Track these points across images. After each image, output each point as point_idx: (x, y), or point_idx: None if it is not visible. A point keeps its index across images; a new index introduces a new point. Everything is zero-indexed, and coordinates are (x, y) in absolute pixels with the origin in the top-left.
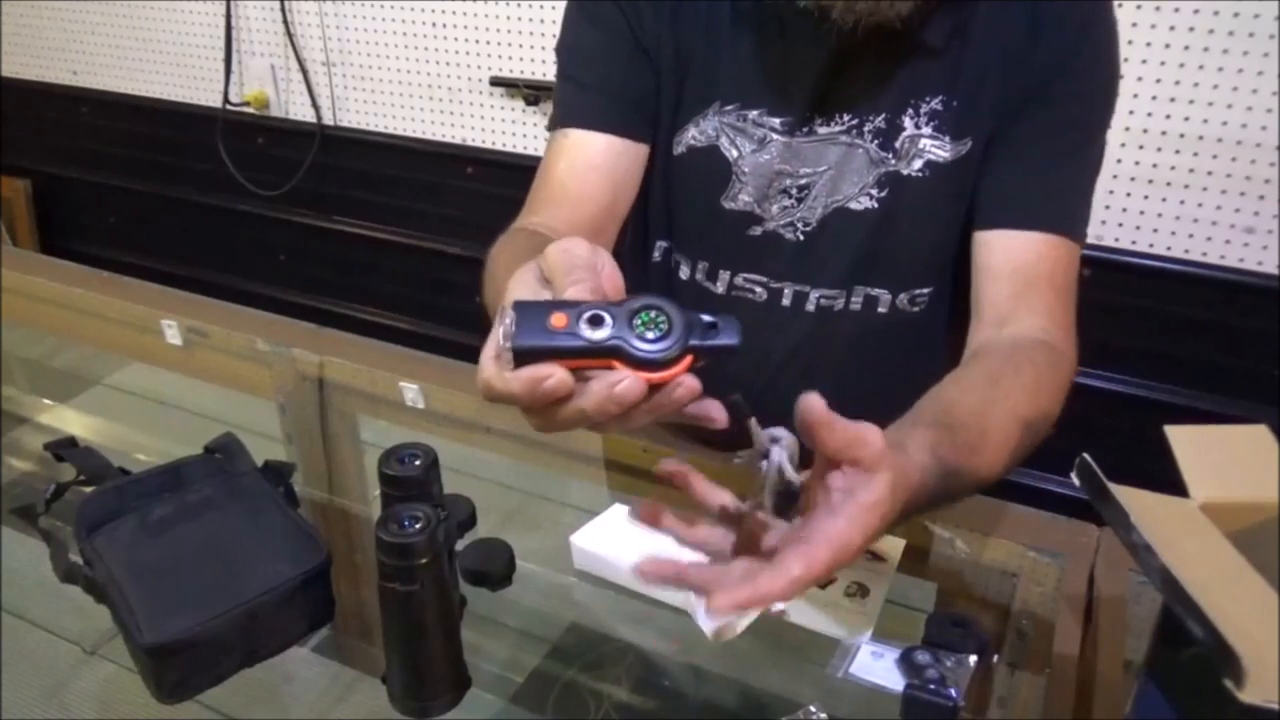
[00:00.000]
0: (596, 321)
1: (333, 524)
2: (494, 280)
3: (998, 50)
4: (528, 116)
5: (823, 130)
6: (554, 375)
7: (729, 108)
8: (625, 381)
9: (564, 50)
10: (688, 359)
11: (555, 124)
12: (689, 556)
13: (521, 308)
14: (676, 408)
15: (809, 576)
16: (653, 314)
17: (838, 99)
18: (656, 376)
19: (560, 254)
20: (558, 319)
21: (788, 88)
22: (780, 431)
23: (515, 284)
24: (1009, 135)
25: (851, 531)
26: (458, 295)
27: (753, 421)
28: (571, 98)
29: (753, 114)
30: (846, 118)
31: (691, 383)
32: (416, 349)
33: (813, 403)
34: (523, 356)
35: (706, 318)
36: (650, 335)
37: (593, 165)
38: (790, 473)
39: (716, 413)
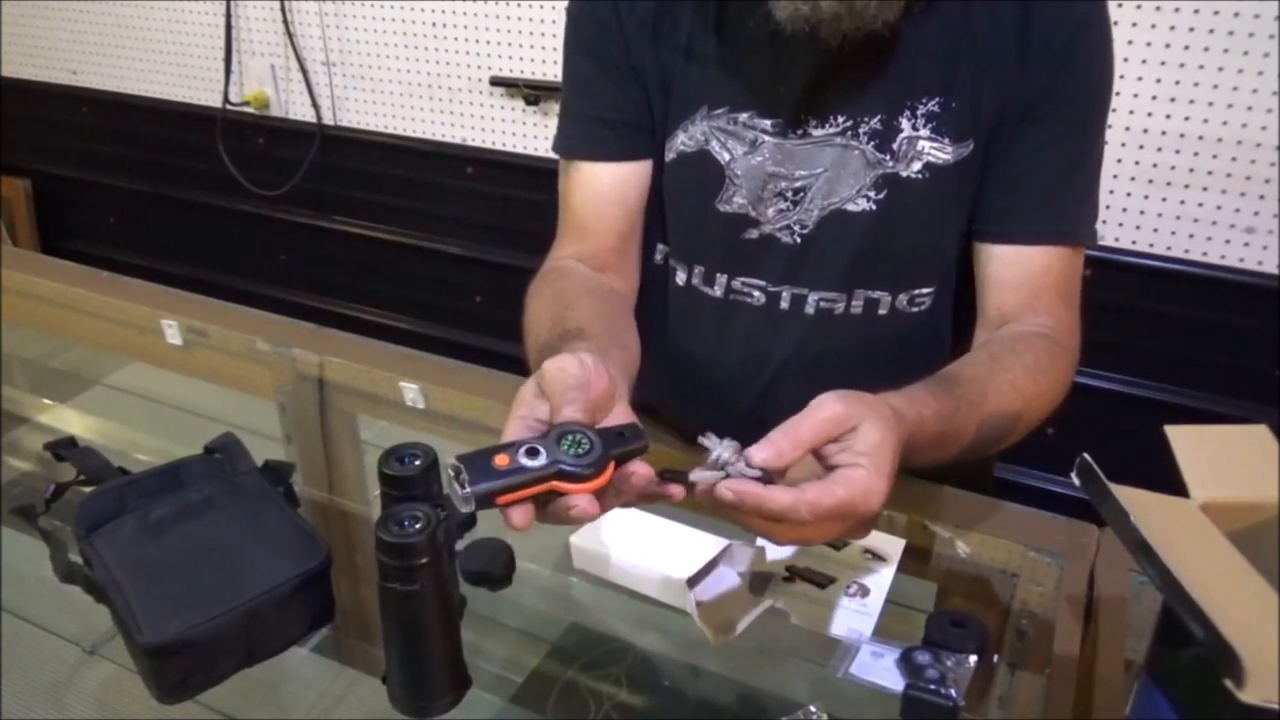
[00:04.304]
0: (533, 453)
1: (333, 524)
2: (530, 333)
3: (992, 51)
4: (528, 116)
5: (817, 132)
6: (516, 516)
7: (717, 111)
8: (576, 509)
9: (565, 82)
10: (610, 465)
11: (563, 153)
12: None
13: (466, 460)
14: (634, 494)
15: (818, 504)
16: (575, 436)
17: (831, 101)
18: (591, 486)
19: (556, 373)
20: (501, 460)
21: (778, 90)
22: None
23: (517, 403)
24: (1011, 145)
25: (861, 475)
26: (458, 295)
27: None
28: (576, 129)
29: (743, 116)
30: (841, 119)
31: (645, 470)
32: (416, 349)
33: (759, 456)
34: (482, 499)
35: (614, 428)
36: (577, 454)
37: (605, 198)
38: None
39: (675, 492)
